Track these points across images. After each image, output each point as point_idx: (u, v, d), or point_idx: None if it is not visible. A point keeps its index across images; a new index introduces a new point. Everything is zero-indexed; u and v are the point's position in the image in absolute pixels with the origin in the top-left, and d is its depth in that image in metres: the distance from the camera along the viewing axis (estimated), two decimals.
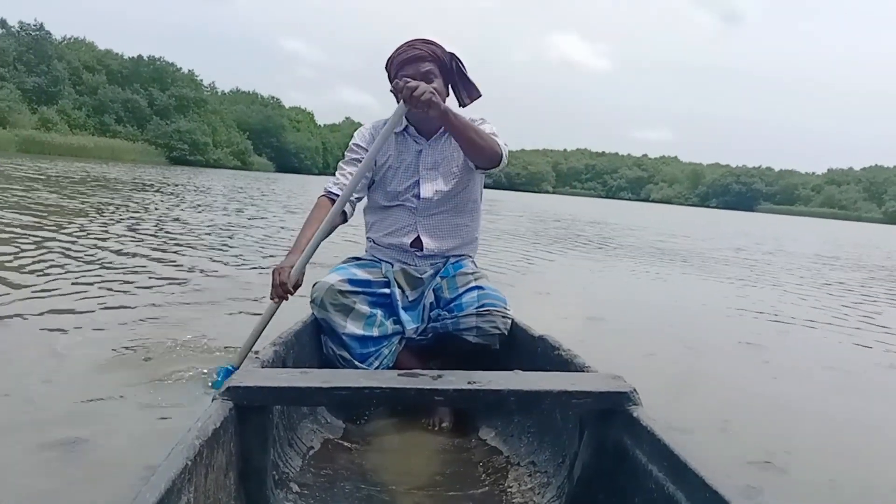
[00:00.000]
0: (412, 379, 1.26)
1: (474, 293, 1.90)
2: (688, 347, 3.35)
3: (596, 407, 1.27)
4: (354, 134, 2.12)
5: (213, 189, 16.79)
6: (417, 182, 2.00)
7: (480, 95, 2.00)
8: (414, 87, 1.65)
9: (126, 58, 53.62)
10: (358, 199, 2.04)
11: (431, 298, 1.97)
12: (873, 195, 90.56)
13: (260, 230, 7.47)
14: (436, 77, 1.91)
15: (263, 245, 6.06)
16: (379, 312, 1.90)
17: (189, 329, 2.71)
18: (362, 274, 1.94)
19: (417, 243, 2.01)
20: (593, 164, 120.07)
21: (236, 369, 1.78)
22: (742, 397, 2.57)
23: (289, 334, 1.70)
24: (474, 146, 1.85)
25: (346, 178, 1.99)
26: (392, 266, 2.01)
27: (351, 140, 2.11)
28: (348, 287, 1.87)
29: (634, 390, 1.27)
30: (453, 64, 1.96)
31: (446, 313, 1.91)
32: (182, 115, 51.45)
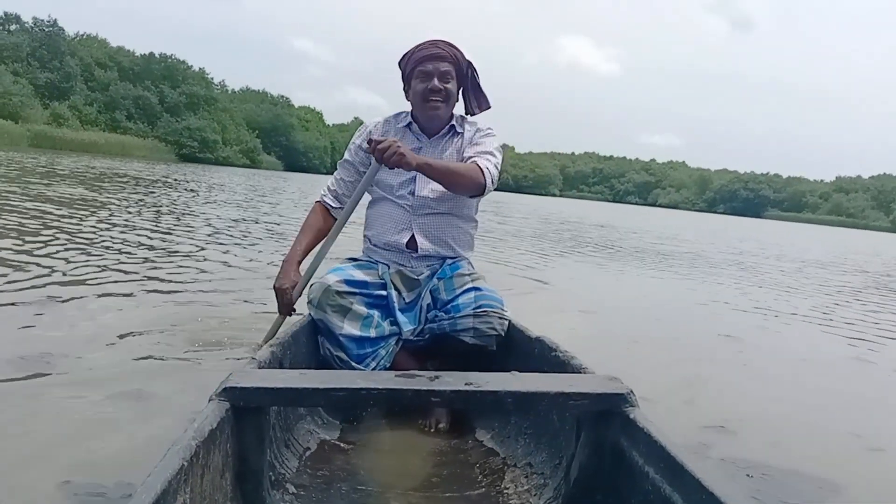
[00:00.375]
0: (409, 380, 1.26)
1: (471, 294, 1.90)
2: (672, 338, 3.67)
3: (593, 408, 1.27)
4: (357, 130, 2.15)
5: (228, 186, 17.17)
6: (414, 179, 2.01)
7: (490, 107, 2.08)
8: (384, 149, 1.72)
9: (138, 55, 53.87)
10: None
11: (429, 300, 1.97)
12: (881, 203, 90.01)
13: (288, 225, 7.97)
14: (451, 79, 1.98)
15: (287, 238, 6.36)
16: (376, 313, 1.90)
17: (229, 310, 3.11)
18: (360, 275, 1.95)
19: (412, 244, 2.01)
20: (601, 168, 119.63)
21: None
22: (712, 374, 2.89)
23: (286, 335, 1.69)
24: (455, 185, 1.93)
25: (340, 187, 2.12)
26: (388, 268, 2.02)
27: (354, 136, 2.14)
28: (345, 288, 1.88)
29: (631, 392, 1.27)
30: (469, 71, 2.04)
31: (443, 314, 1.91)
32: (192, 113, 51.51)
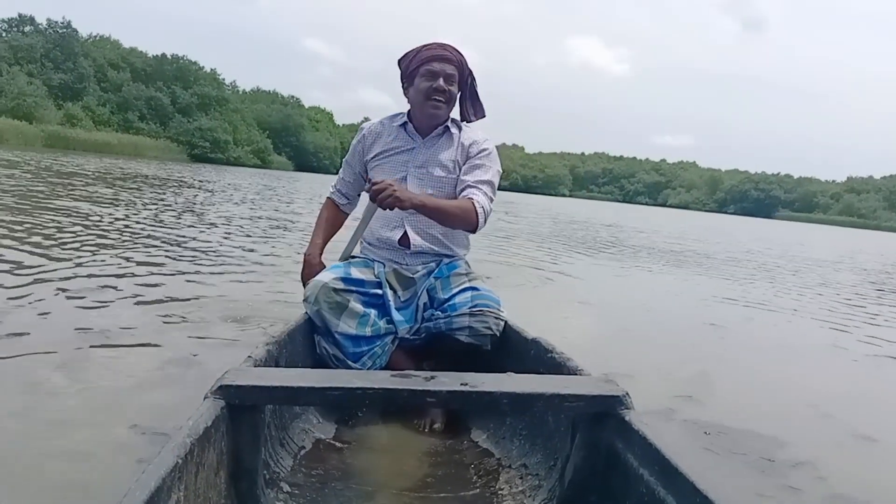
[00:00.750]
0: (405, 380, 1.26)
1: (468, 293, 1.91)
2: (662, 330, 3.86)
3: (588, 410, 1.27)
4: (358, 129, 2.19)
5: (243, 186, 17.44)
6: (405, 178, 2.03)
7: (485, 116, 2.11)
8: (379, 191, 1.74)
9: (150, 56, 54.23)
10: (358, 195, 2.25)
11: (426, 299, 1.98)
12: (893, 204, 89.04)
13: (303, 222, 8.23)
14: (454, 83, 2.01)
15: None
16: (372, 312, 1.91)
17: (260, 297, 3.39)
18: (356, 273, 1.96)
19: (405, 240, 2.03)
20: (611, 168, 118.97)
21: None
22: (695, 358, 3.10)
23: (282, 333, 1.68)
24: (448, 222, 1.96)
25: (344, 187, 2.23)
26: (384, 267, 2.03)
27: (355, 135, 2.19)
28: (342, 285, 1.89)
29: (627, 394, 1.27)
30: (469, 80, 2.07)
31: (440, 313, 1.91)
32: (204, 114, 51.87)
